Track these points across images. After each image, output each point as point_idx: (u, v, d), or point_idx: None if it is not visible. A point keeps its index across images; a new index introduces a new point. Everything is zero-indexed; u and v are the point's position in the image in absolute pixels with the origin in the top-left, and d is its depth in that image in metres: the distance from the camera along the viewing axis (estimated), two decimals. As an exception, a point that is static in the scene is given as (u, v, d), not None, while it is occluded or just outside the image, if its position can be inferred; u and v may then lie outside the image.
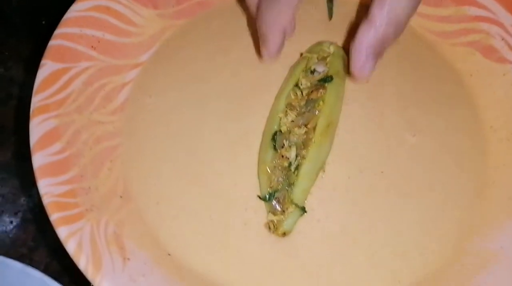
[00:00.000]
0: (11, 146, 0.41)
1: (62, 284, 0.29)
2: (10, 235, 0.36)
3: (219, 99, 0.38)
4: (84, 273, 0.26)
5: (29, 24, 0.44)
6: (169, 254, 0.32)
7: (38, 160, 0.29)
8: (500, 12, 0.39)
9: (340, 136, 0.36)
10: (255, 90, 0.38)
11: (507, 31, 0.38)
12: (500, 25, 0.38)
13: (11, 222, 0.37)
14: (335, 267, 0.32)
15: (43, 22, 0.43)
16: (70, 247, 0.27)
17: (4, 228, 0.37)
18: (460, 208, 0.35)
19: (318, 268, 0.32)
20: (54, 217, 0.28)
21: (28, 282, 0.28)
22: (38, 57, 0.45)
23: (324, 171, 0.35)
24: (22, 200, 0.38)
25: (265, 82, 0.39)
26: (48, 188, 0.28)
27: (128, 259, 0.29)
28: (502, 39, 0.38)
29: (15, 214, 0.37)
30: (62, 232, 0.27)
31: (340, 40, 0.41)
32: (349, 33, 0.41)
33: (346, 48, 0.40)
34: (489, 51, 0.39)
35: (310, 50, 0.39)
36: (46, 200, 0.28)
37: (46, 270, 0.30)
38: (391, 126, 0.37)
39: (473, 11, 0.40)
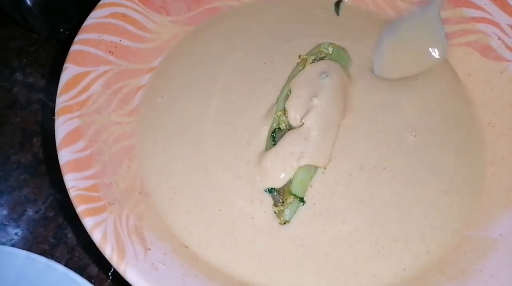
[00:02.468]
0: (32, 148, 0.43)
1: (80, 280, 0.30)
2: (33, 233, 0.38)
3: (226, 97, 0.40)
4: (110, 260, 0.28)
5: (48, 32, 0.46)
6: (186, 246, 0.34)
7: (64, 156, 0.31)
8: (497, 13, 0.40)
9: (341, 134, 0.38)
10: (260, 87, 0.41)
11: (503, 31, 0.40)
12: (497, 25, 0.40)
13: (33, 220, 0.39)
14: (340, 255, 0.34)
15: (61, 30, 0.45)
16: (96, 236, 0.29)
17: (26, 225, 0.38)
18: (461, 199, 0.36)
19: (324, 257, 0.34)
20: (80, 208, 0.29)
21: (52, 275, 0.29)
22: (56, 64, 0.48)
23: (325, 167, 0.37)
24: (43, 199, 0.40)
25: (269, 78, 0.41)
26: (74, 182, 0.30)
27: (149, 249, 0.31)
28: (499, 38, 0.40)
29: (37, 212, 0.39)
30: (88, 222, 0.29)
31: (346, 42, 0.43)
32: (354, 36, 0.43)
33: (351, 49, 0.42)
34: (486, 51, 0.41)
35: (309, 53, 0.41)
36: (72, 193, 0.30)
37: (66, 266, 0.31)
38: (391, 125, 0.39)
39: (471, 12, 0.42)
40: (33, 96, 0.46)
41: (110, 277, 0.36)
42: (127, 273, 0.28)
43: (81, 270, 0.36)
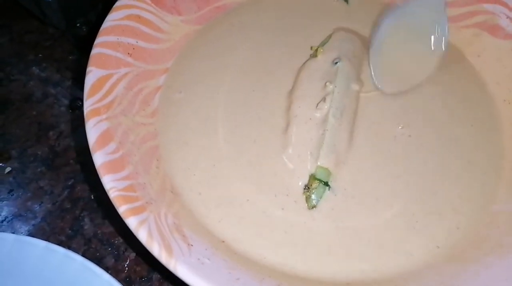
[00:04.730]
0: (48, 141, 0.43)
1: (98, 271, 0.30)
2: (50, 224, 0.38)
3: (244, 86, 0.40)
4: (158, 258, 0.28)
5: (65, 27, 0.46)
6: (223, 241, 0.34)
7: (99, 158, 0.31)
8: (503, -8, 0.41)
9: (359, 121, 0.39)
10: (273, 82, 0.41)
11: (511, 9, 0.41)
12: (504, 4, 0.41)
13: (50, 212, 0.39)
14: (379, 234, 0.34)
15: (78, 25, 0.46)
16: (142, 235, 0.28)
17: (43, 217, 0.38)
18: (483, 175, 0.37)
19: (364, 238, 0.34)
20: (122, 209, 0.29)
21: (71, 265, 0.29)
22: (71, 59, 0.49)
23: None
24: (60, 191, 0.40)
25: (280, 74, 0.41)
26: (112, 183, 0.30)
27: (192, 245, 0.31)
28: (507, 17, 0.41)
29: (53, 204, 0.39)
30: (132, 222, 0.29)
31: (358, 27, 0.43)
32: (366, 21, 0.44)
33: (362, 34, 0.43)
34: (495, 30, 0.42)
35: (321, 43, 0.42)
36: (112, 194, 0.30)
37: (83, 257, 0.31)
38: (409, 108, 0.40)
39: (477, -7, 0.43)
40: (49, 90, 0.46)
41: (127, 268, 0.37)
42: (178, 269, 0.28)
43: (97, 261, 0.36)
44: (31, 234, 0.37)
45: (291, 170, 0.36)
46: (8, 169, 0.41)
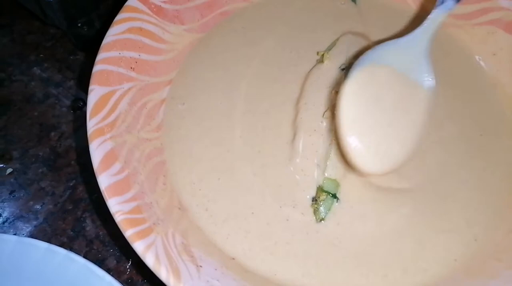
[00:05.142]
0: (50, 142, 0.43)
1: (99, 272, 0.30)
2: (51, 225, 0.38)
3: (250, 94, 0.39)
4: (166, 283, 0.27)
5: (66, 27, 0.46)
6: (233, 258, 0.33)
7: (104, 181, 0.30)
8: (517, -12, 0.40)
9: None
10: (279, 90, 0.40)
11: (526, 6, 0.39)
12: (519, 0, 0.39)
13: (52, 213, 0.38)
14: (384, 253, 0.33)
15: (79, 25, 0.45)
16: (149, 260, 0.28)
17: (45, 218, 0.38)
18: (500, 182, 0.36)
19: (368, 255, 0.33)
20: (129, 233, 0.29)
21: (72, 267, 0.29)
22: (73, 60, 0.48)
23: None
24: (61, 192, 0.40)
25: (287, 81, 0.40)
26: (118, 206, 0.29)
27: (200, 266, 0.30)
28: (523, 13, 0.39)
29: (55, 205, 0.39)
30: (139, 246, 0.28)
31: (367, 31, 0.42)
32: (375, 24, 0.43)
33: (371, 38, 0.42)
34: (511, 27, 0.40)
35: (327, 48, 0.41)
36: (118, 218, 0.29)
37: (85, 258, 0.31)
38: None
39: (491, -10, 0.41)
40: (50, 90, 0.46)
41: (128, 270, 0.36)
42: (186, 294, 0.27)
43: (99, 263, 0.36)
44: (32, 235, 0.37)
45: (298, 181, 0.35)
46: (9, 170, 0.41)
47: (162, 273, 0.28)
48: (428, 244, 0.33)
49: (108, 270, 0.36)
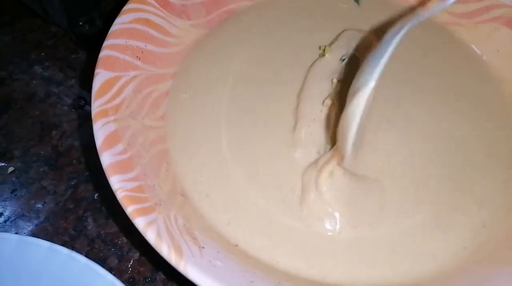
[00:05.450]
0: (51, 140, 0.43)
1: (101, 271, 0.29)
2: (53, 224, 0.38)
3: (251, 86, 0.39)
4: (168, 259, 0.27)
5: (67, 25, 0.46)
6: (236, 245, 0.32)
7: (106, 159, 0.30)
8: (518, -16, 0.40)
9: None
10: (281, 82, 0.40)
11: (529, 1, 0.40)
12: (521, -4, 0.40)
13: (53, 212, 0.38)
14: (395, 237, 0.32)
15: (80, 23, 0.45)
16: (150, 236, 0.27)
17: (46, 217, 0.38)
18: (507, 169, 0.36)
19: (379, 240, 0.32)
20: (130, 209, 0.28)
21: (74, 266, 0.29)
22: (74, 58, 0.48)
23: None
24: (63, 191, 0.39)
25: (289, 74, 0.40)
26: (120, 184, 0.29)
27: (203, 247, 0.29)
28: (525, 9, 0.40)
29: (57, 204, 0.38)
30: (140, 222, 0.28)
31: (369, 28, 0.42)
32: (377, 23, 0.43)
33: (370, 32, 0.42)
34: (514, 23, 0.41)
35: (330, 43, 0.41)
36: (120, 194, 0.28)
37: (86, 257, 0.30)
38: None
39: (491, -13, 0.41)
40: (52, 89, 0.46)
41: (130, 269, 0.36)
42: (188, 270, 0.26)
43: (101, 262, 0.36)
44: (34, 234, 0.37)
45: (299, 169, 0.35)
46: (11, 169, 0.40)
47: (163, 249, 0.27)
48: (439, 228, 0.32)
49: (110, 269, 0.36)
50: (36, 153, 0.42)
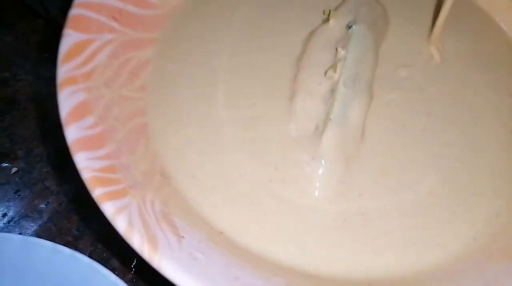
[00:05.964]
0: (54, 140, 0.41)
1: (104, 271, 0.29)
2: (56, 224, 0.37)
3: (240, 55, 0.36)
4: (140, 252, 0.23)
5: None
6: (221, 232, 0.29)
7: (73, 133, 0.26)
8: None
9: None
10: (279, 44, 0.36)
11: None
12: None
13: (56, 212, 0.38)
14: (400, 222, 0.30)
15: None
16: (120, 224, 0.24)
17: (50, 217, 0.38)
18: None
19: (381, 225, 0.30)
20: (97, 192, 0.24)
21: (77, 266, 0.29)
22: None
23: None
24: (66, 190, 0.39)
25: (289, 36, 0.36)
26: (87, 162, 0.25)
27: (183, 237, 0.26)
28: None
29: (60, 204, 0.38)
30: (108, 208, 0.24)
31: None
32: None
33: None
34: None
35: (336, 7, 0.37)
36: (85, 175, 0.25)
37: (90, 258, 0.29)
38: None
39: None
40: (54, 89, 0.44)
41: (133, 270, 0.34)
42: (163, 265, 0.23)
43: (104, 262, 0.35)
44: (37, 235, 0.37)
45: (295, 143, 0.32)
46: (14, 169, 0.40)
47: (135, 240, 0.23)
48: (451, 214, 0.30)
49: (113, 270, 0.35)
50: (40, 154, 0.41)
